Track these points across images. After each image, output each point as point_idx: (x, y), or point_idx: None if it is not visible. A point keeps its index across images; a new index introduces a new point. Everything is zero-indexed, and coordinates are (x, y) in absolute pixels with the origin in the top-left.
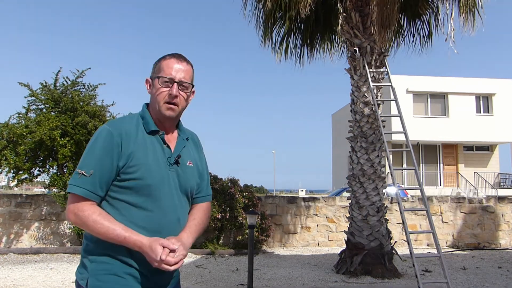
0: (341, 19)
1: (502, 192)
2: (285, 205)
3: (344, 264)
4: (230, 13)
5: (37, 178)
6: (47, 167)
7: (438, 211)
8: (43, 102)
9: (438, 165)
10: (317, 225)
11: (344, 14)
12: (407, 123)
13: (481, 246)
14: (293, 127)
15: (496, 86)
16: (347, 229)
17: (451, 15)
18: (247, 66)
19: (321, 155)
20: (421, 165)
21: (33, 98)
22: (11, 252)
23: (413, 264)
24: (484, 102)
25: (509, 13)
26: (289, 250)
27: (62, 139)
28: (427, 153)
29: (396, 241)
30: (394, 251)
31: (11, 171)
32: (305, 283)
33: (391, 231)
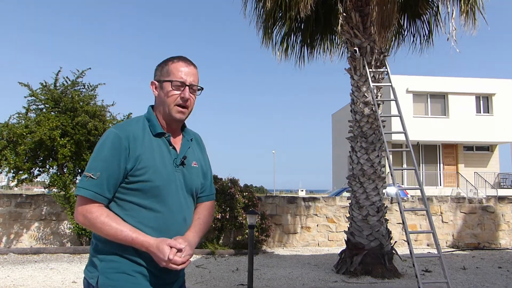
0: (341, 19)
1: (502, 192)
2: (285, 205)
3: (344, 264)
4: (230, 13)
5: (37, 178)
6: (47, 167)
7: (438, 211)
8: (43, 102)
9: (438, 165)
10: (317, 225)
11: (344, 14)
12: (407, 123)
13: (481, 246)
14: (293, 127)
15: (496, 86)
16: (347, 229)
17: (452, 15)
18: (247, 66)
19: (321, 155)
20: (421, 165)
21: (33, 98)
22: (11, 252)
23: (413, 264)
24: (484, 102)
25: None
26: (289, 250)
27: (62, 139)
28: (427, 153)
29: (396, 241)
30: (394, 251)
31: (11, 171)
32: (305, 283)
33: (391, 231)
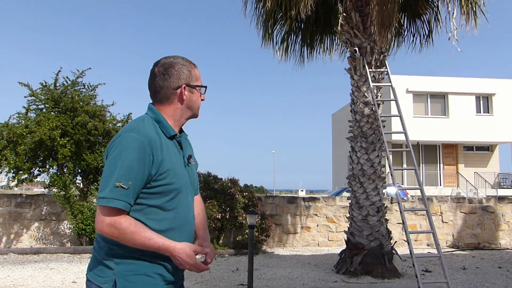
0: (341, 19)
1: (502, 192)
2: (285, 205)
3: (344, 264)
4: (230, 13)
5: (37, 178)
6: (47, 167)
7: (438, 211)
8: (43, 102)
9: (438, 165)
10: (317, 225)
11: (344, 14)
12: (407, 123)
13: (481, 246)
14: (293, 127)
15: (496, 86)
16: (347, 229)
17: (453, 14)
18: (247, 66)
19: (321, 155)
20: (421, 165)
21: (33, 98)
22: (11, 252)
23: (413, 264)
24: (484, 102)
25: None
26: (289, 250)
27: (62, 139)
28: (427, 153)
29: (396, 241)
30: (394, 251)
31: (11, 171)
32: (305, 283)
33: (391, 231)
